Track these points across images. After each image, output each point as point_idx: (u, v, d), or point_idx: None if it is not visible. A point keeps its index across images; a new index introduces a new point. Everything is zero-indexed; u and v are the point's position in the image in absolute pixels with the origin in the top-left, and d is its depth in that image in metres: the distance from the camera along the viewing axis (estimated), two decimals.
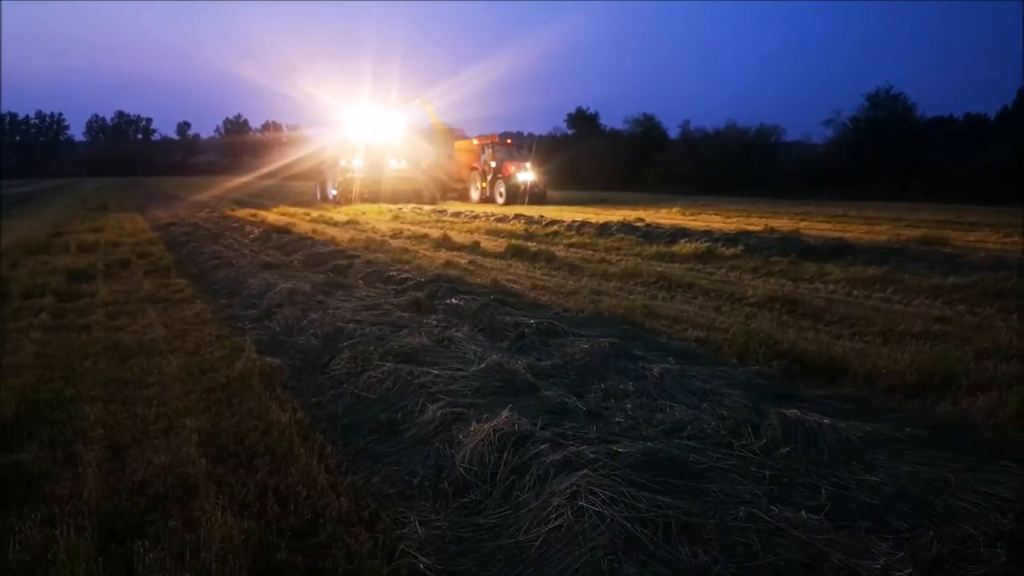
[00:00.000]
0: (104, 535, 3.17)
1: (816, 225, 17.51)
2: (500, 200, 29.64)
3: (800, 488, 3.39)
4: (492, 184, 30.80)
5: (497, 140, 32.68)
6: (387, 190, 29.57)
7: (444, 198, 31.91)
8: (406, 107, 33.94)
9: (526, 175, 30.00)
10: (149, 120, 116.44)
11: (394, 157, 31.55)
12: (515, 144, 34.07)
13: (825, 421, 3.88)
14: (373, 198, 28.95)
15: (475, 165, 32.61)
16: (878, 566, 2.68)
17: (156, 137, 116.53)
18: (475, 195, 32.05)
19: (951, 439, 3.90)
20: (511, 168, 30.30)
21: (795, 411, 3.99)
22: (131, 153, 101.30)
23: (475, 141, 33.82)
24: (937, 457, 3.57)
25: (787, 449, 3.70)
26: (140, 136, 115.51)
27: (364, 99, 33.19)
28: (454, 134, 36.05)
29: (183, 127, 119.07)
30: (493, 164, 31.17)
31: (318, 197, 33.28)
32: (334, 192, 30.47)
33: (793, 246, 11.86)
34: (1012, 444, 3.86)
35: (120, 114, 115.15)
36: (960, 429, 4.11)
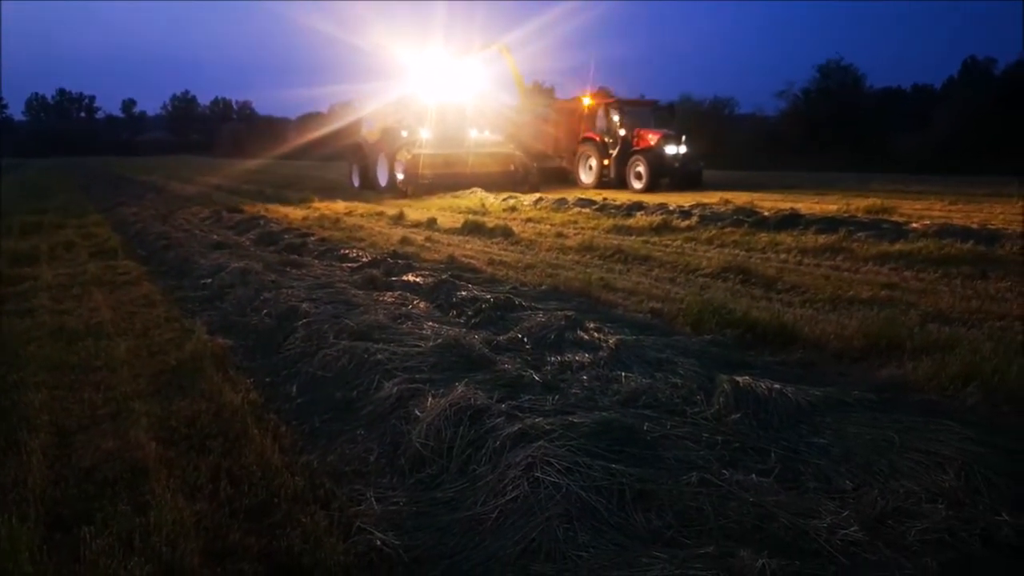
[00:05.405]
0: (50, 522, 3.10)
1: (769, 196, 17.75)
2: (637, 184, 20.78)
3: (751, 452, 3.47)
4: (622, 161, 21.58)
5: (624, 100, 23.34)
6: (469, 172, 20.91)
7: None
8: (481, 58, 23.91)
9: (676, 147, 21.08)
10: (92, 98, 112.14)
11: (476, 125, 22.55)
12: (650, 106, 24.05)
13: (775, 387, 3.96)
14: (452, 182, 20.23)
15: (588, 134, 22.96)
16: (824, 525, 2.76)
17: (100, 115, 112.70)
18: (586, 177, 22.82)
19: (896, 401, 4.02)
20: (651, 138, 21.17)
21: (746, 378, 4.07)
22: (75, 132, 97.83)
23: (587, 100, 23.71)
24: (882, 418, 3.66)
25: (738, 415, 3.78)
26: (84, 115, 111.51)
27: (424, 45, 23.16)
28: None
29: (128, 104, 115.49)
30: (622, 133, 21.87)
31: (355, 184, 24.22)
32: (400, 175, 20.95)
33: (747, 217, 12.02)
34: (953, 404, 3.99)
35: (61, 91, 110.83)
36: (904, 391, 4.24)
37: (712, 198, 16.30)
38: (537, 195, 17.81)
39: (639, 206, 14.41)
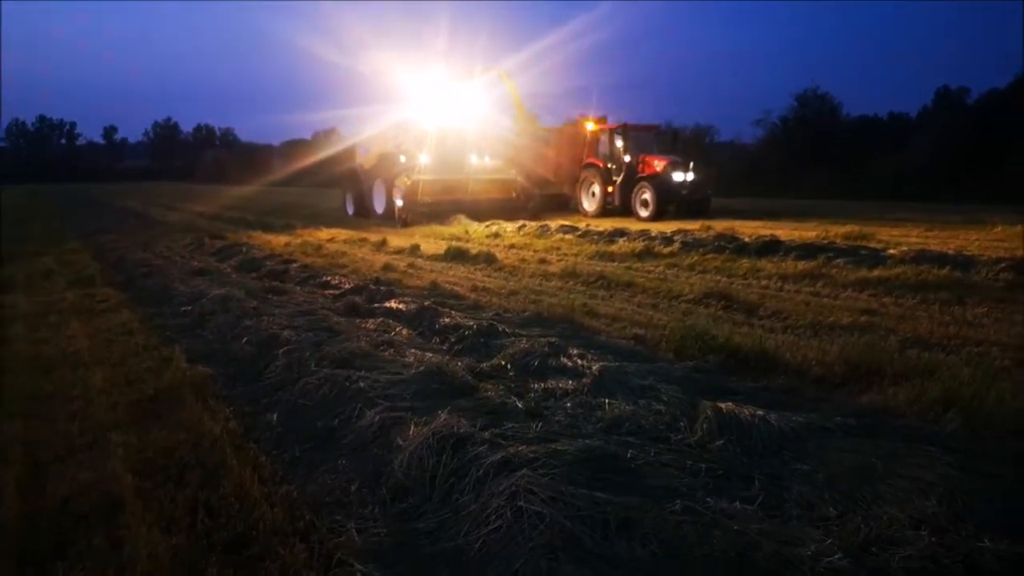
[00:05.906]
0: (22, 557, 3.03)
1: (749, 222, 17.92)
2: (644, 212, 20.02)
3: (734, 479, 3.46)
4: (627, 187, 20.80)
5: (628, 125, 22.14)
6: (470, 198, 20.31)
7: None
8: (482, 82, 23.00)
9: (683, 174, 20.22)
10: (73, 124, 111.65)
11: (476, 151, 21.86)
12: (654, 131, 23.36)
13: (758, 413, 3.97)
14: (452, 209, 19.58)
15: (591, 159, 22.28)
16: (808, 553, 2.75)
17: (81, 142, 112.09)
18: (589, 205, 22.16)
19: (877, 426, 4.03)
20: (658, 164, 20.37)
21: (729, 404, 4.07)
22: (56, 159, 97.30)
23: (590, 125, 22.83)
24: (864, 444, 3.68)
25: (722, 441, 3.77)
26: (64, 141, 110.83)
27: (426, 68, 22.20)
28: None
29: (110, 131, 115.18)
30: (627, 158, 21.12)
31: (349, 211, 23.89)
32: (399, 202, 19.89)
33: (728, 243, 12.11)
34: (934, 429, 4.01)
35: (41, 118, 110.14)
36: (885, 416, 4.25)
37: (693, 224, 16.41)
38: (521, 221, 17.85)
39: (622, 232, 14.48)
